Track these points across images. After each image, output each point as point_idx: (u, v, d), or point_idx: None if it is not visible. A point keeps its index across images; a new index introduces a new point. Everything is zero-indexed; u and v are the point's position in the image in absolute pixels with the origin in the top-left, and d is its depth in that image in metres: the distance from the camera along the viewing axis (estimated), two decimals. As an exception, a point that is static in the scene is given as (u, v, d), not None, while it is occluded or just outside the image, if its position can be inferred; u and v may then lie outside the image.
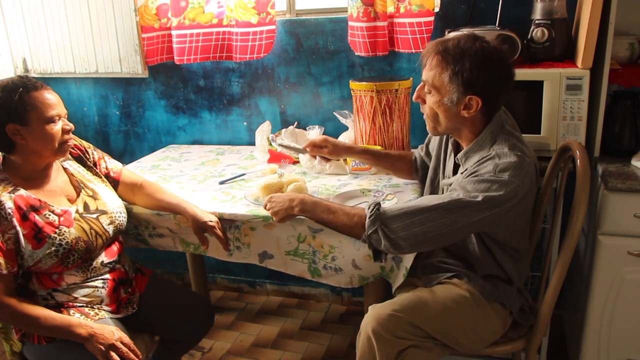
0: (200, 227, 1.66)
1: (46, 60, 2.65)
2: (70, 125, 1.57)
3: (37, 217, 1.49)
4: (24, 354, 1.58)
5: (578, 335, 1.84)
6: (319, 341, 2.40)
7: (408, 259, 1.53)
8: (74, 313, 1.54)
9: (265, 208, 1.60)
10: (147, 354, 1.71)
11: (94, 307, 1.58)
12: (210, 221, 1.65)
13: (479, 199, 1.32)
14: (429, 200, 1.39)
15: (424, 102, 1.49)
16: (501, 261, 1.50)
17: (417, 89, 1.50)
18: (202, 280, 2.60)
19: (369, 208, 1.42)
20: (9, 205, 1.46)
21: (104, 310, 1.60)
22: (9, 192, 1.48)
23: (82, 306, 1.57)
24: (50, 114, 1.50)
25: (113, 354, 1.45)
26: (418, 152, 1.83)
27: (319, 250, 1.64)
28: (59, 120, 1.53)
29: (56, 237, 1.49)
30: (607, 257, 1.67)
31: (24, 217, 1.47)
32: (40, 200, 1.52)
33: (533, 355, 1.56)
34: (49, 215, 1.51)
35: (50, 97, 1.52)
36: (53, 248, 1.48)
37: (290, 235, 1.65)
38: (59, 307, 1.54)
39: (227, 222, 1.70)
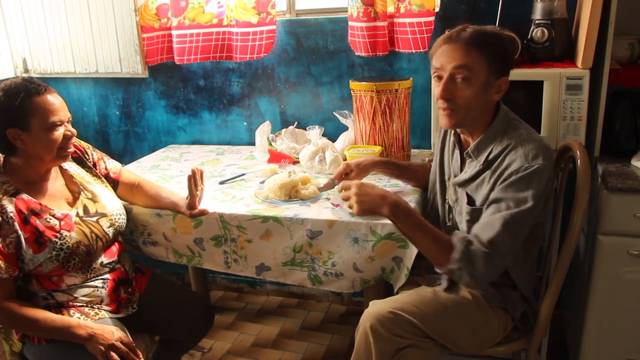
0: (190, 206, 1.67)
1: (46, 60, 2.65)
2: (72, 131, 1.56)
3: (38, 222, 1.49)
4: (24, 354, 1.58)
5: (578, 335, 1.84)
6: (319, 341, 2.40)
7: (409, 259, 1.53)
8: (74, 313, 1.54)
9: (342, 193, 1.48)
10: (147, 354, 1.71)
11: (94, 306, 1.58)
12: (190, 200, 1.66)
13: (530, 204, 1.33)
14: (497, 228, 1.34)
15: (454, 97, 1.40)
16: (510, 268, 1.49)
17: (444, 83, 1.39)
18: (202, 280, 2.60)
19: (461, 242, 1.36)
20: (10, 209, 1.46)
21: (104, 310, 1.60)
22: (10, 196, 1.48)
23: (82, 306, 1.57)
24: (51, 120, 1.48)
25: (113, 354, 1.45)
26: None
27: (317, 257, 1.63)
28: (60, 126, 1.51)
29: (57, 242, 1.49)
30: (607, 257, 1.67)
31: (24, 221, 1.47)
32: (40, 204, 1.52)
33: (533, 355, 1.56)
34: (50, 219, 1.51)
35: (53, 102, 1.50)
36: (54, 252, 1.48)
37: (286, 246, 1.65)
38: (59, 307, 1.54)
39: (226, 223, 1.70)
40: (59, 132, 1.51)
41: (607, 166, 1.71)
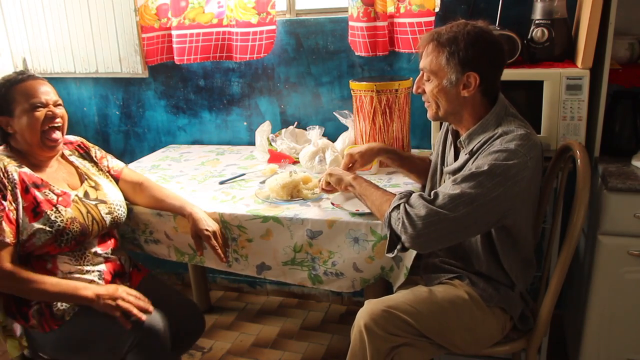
0: (197, 233, 1.66)
1: (46, 60, 2.65)
2: (54, 112, 1.59)
3: (37, 193, 1.53)
4: (24, 356, 1.59)
5: (578, 335, 1.84)
6: (319, 341, 2.40)
7: (408, 258, 1.53)
8: None
9: (324, 180, 1.68)
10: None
11: None
12: (206, 230, 1.64)
13: (485, 168, 1.33)
14: (447, 185, 1.39)
15: (424, 91, 1.51)
16: (504, 261, 1.49)
17: (416, 80, 1.52)
18: (202, 280, 2.60)
19: (401, 192, 1.46)
20: (14, 176, 1.51)
21: None
22: (15, 166, 1.54)
23: None
24: (31, 102, 1.54)
25: (123, 303, 1.49)
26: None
27: (318, 256, 1.63)
28: (42, 107, 1.56)
29: (52, 214, 1.52)
30: (607, 257, 1.67)
31: (25, 190, 1.52)
32: (42, 180, 1.57)
33: (533, 355, 1.56)
34: (48, 193, 1.56)
35: (34, 86, 1.57)
36: (48, 224, 1.51)
37: (286, 245, 1.65)
38: None
39: (228, 226, 1.70)
40: (40, 113, 1.56)
41: (607, 166, 1.72)
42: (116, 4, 2.42)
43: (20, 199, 1.50)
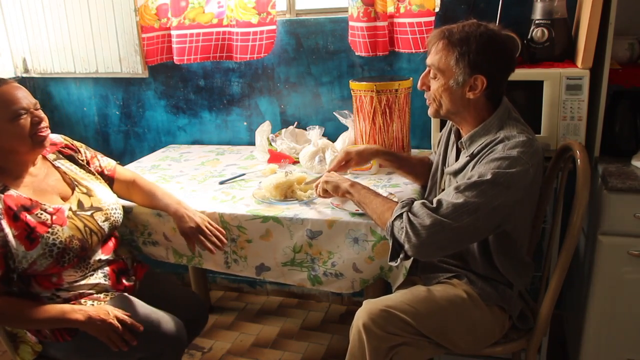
0: (184, 232, 1.65)
1: (46, 60, 2.64)
2: (40, 117, 1.52)
3: (29, 217, 1.47)
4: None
5: (578, 335, 1.84)
6: (319, 341, 2.40)
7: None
8: (85, 302, 1.55)
9: (319, 182, 1.68)
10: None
11: (102, 294, 1.60)
12: (190, 226, 1.64)
13: (488, 176, 1.32)
14: (450, 192, 1.38)
15: (429, 88, 1.50)
16: (498, 264, 1.49)
17: (421, 76, 1.51)
18: (202, 280, 2.60)
19: (403, 200, 1.45)
20: None
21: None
22: None
23: (91, 293, 1.58)
24: (12, 110, 1.46)
25: (113, 335, 1.47)
26: (433, 157, 1.82)
27: (317, 257, 1.63)
28: (25, 114, 1.49)
29: (49, 237, 1.47)
30: (607, 257, 1.67)
31: (15, 218, 1.45)
32: (31, 200, 1.50)
33: (533, 355, 1.56)
34: (41, 214, 1.50)
35: (10, 92, 1.48)
36: (47, 248, 1.47)
37: (286, 246, 1.65)
38: (68, 302, 1.55)
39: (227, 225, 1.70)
40: (25, 120, 1.48)
41: (607, 166, 1.71)
42: (116, 4, 2.42)
43: (7, 229, 1.42)
